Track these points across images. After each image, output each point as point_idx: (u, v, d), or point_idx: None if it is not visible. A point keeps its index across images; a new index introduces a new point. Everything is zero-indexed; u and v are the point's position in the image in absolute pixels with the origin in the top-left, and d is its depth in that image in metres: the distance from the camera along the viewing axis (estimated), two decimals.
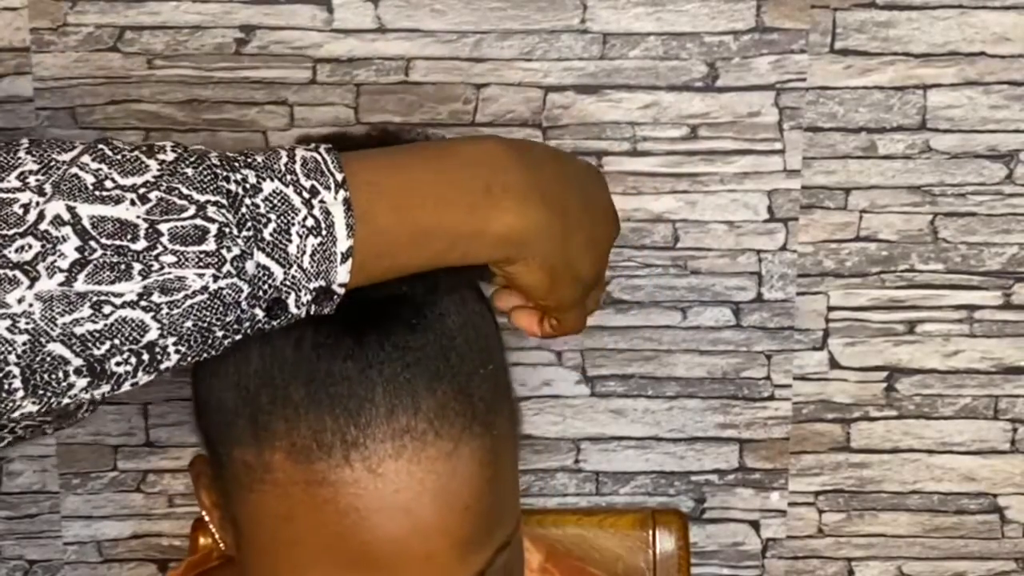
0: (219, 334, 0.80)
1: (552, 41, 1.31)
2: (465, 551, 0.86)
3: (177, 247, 0.78)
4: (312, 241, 0.82)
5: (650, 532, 1.36)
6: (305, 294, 0.83)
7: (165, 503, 1.40)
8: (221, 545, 0.95)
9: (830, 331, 1.38)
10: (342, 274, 0.83)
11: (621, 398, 1.39)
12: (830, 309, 1.37)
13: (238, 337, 0.81)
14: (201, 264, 0.78)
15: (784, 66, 1.32)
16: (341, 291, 0.83)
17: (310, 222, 0.82)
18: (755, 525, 1.42)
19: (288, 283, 0.82)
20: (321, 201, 0.83)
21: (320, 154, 0.83)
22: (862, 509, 1.42)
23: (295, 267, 0.82)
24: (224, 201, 0.80)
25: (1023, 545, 1.43)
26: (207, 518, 0.94)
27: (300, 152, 0.83)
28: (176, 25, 1.30)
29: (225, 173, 0.80)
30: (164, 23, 1.30)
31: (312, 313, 0.84)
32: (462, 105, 1.32)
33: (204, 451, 0.93)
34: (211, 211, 0.79)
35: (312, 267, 0.82)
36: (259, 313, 0.81)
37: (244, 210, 0.80)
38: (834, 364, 1.39)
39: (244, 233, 0.80)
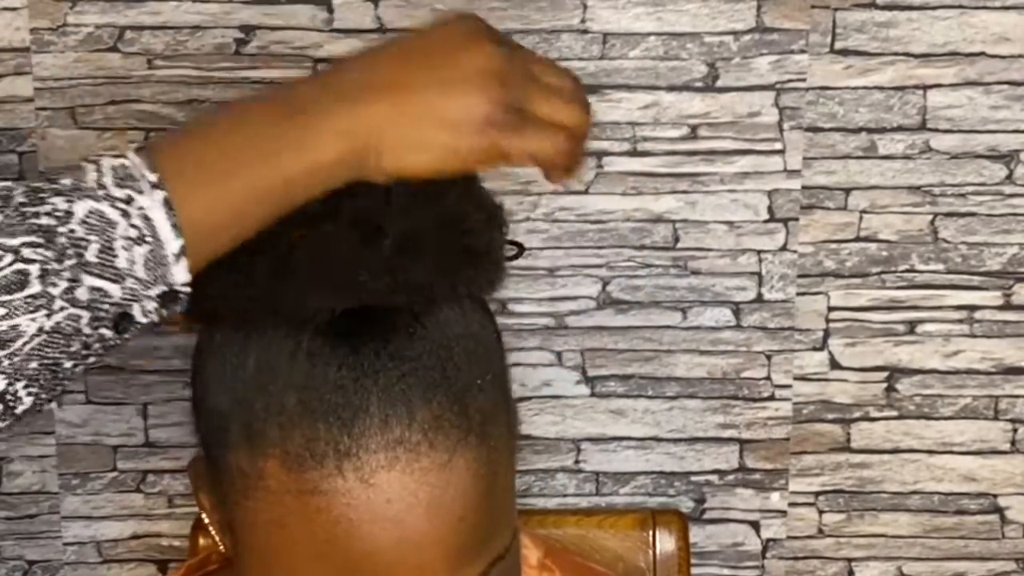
0: (68, 365, 0.80)
1: (552, 41, 1.31)
2: (458, 563, 0.86)
3: (3, 298, 0.78)
4: (139, 250, 0.81)
5: (650, 532, 1.35)
6: (148, 302, 0.82)
7: (165, 503, 1.40)
8: (221, 547, 0.95)
9: (830, 331, 1.38)
10: (180, 274, 0.83)
11: (621, 398, 1.39)
12: (830, 309, 1.37)
13: (92, 360, 0.81)
14: (30, 309, 0.78)
15: (784, 66, 1.32)
16: (186, 289, 0.82)
17: (132, 232, 0.81)
18: (755, 525, 1.42)
19: (127, 297, 0.81)
20: (139, 208, 0.81)
21: (127, 158, 0.82)
22: (862, 509, 1.42)
23: (129, 279, 0.81)
24: (38, 239, 0.79)
25: (1023, 545, 1.43)
26: (206, 520, 0.94)
27: (107, 162, 0.81)
28: (176, 25, 1.30)
29: (33, 209, 0.79)
30: (164, 23, 1.30)
31: (165, 316, 0.83)
32: None
33: (203, 453, 0.92)
34: (27, 253, 0.78)
35: (147, 275, 0.82)
36: (107, 332, 0.81)
37: (62, 240, 0.79)
38: (834, 364, 1.39)
39: (67, 263, 0.79)
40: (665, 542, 1.35)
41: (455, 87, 0.86)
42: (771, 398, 1.39)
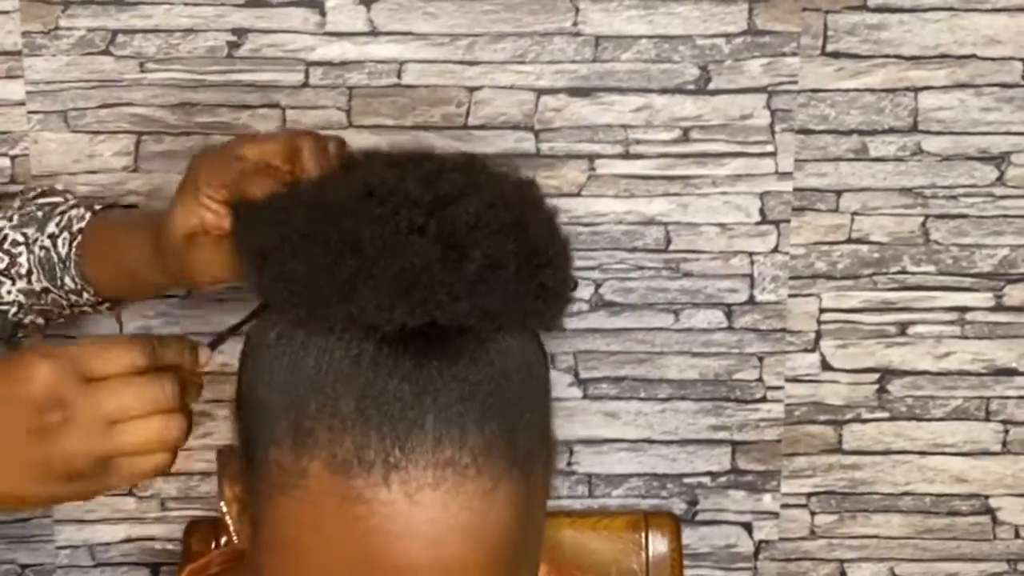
0: None
1: (545, 44, 1.31)
2: None
3: None
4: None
5: (643, 534, 1.36)
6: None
7: (158, 507, 1.39)
8: (235, 539, 0.94)
9: (822, 333, 1.38)
10: None
11: (614, 400, 1.39)
12: (822, 311, 1.38)
13: None
14: None
15: (776, 69, 1.32)
16: None
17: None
18: (748, 527, 1.42)
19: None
20: None
21: None
22: (854, 511, 1.42)
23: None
24: None
25: (1015, 546, 1.43)
26: (225, 510, 0.94)
27: None
28: (168, 28, 1.30)
29: None
30: (156, 26, 1.30)
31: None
32: (455, 108, 1.32)
33: (237, 444, 0.92)
34: None
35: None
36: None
37: None
38: (826, 366, 1.39)
39: None
40: (658, 544, 1.35)
41: (16, 449, 0.88)
42: (763, 400, 1.39)
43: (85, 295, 1.17)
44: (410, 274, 0.86)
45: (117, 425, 0.89)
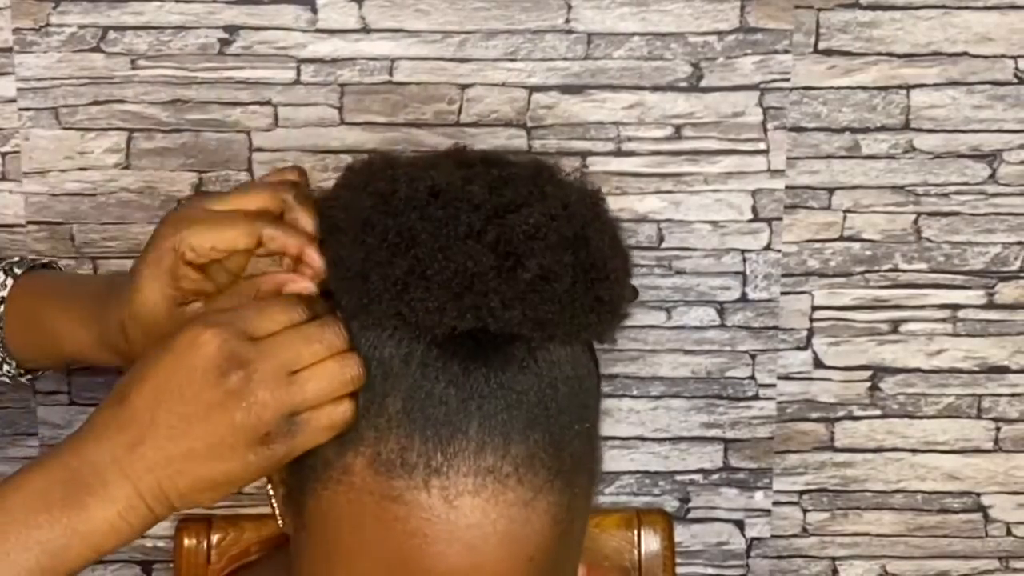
0: None
1: (536, 41, 1.31)
2: None
3: None
4: None
5: (635, 532, 1.36)
6: None
7: None
8: (279, 523, 0.94)
9: (814, 331, 1.38)
10: None
11: (606, 398, 1.39)
12: (814, 309, 1.38)
13: None
14: None
15: (768, 66, 1.32)
16: None
17: None
18: (740, 524, 1.42)
19: None
20: None
21: None
22: (846, 508, 1.42)
23: None
24: None
25: (1006, 544, 1.44)
26: (271, 492, 0.94)
27: None
28: (159, 25, 1.29)
29: None
30: (147, 23, 1.29)
31: None
32: (447, 105, 1.31)
33: None
34: None
35: None
36: None
37: None
38: (818, 363, 1.39)
39: None
40: (650, 541, 1.35)
41: (211, 434, 0.86)
42: (755, 397, 1.39)
43: (5, 367, 1.13)
44: (463, 278, 0.86)
45: (297, 374, 0.86)
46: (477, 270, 0.86)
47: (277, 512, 0.94)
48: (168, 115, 1.31)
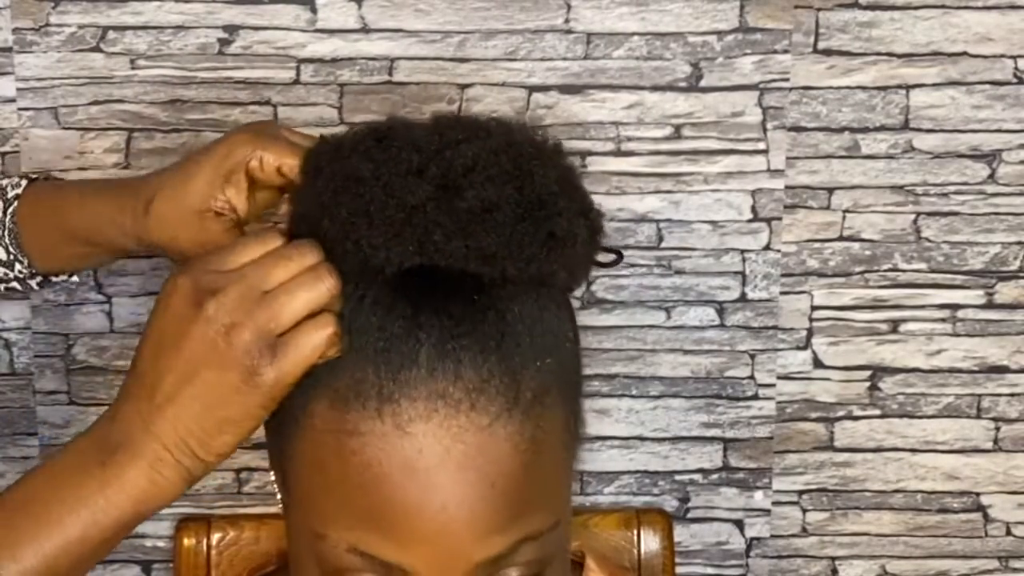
0: None
1: (536, 41, 1.31)
2: (484, 530, 0.86)
3: None
4: None
5: (635, 532, 1.36)
6: None
7: None
8: (280, 508, 0.96)
9: (814, 330, 1.38)
10: None
11: (605, 398, 1.39)
12: (814, 308, 1.38)
13: None
14: None
15: (767, 66, 1.32)
16: None
17: None
18: (739, 524, 1.42)
19: None
20: None
21: None
22: (846, 508, 1.42)
23: None
24: None
25: (1006, 544, 1.44)
26: (273, 477, 0.96)
27: None
28: (159, 25, 1.29)
29: None
30: (147, 23, 1.29)
31: None
32: (446, 105, 1.32)
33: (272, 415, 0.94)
34: None
35: None
36: None
37: None
38: (818, 363, 1.39)
39: None
40: (650, 541, 1.35)
41: (197, 374, 0.88)
42: (755, 397, 1.39)
43: (17, 267, 1.15)
44: (404, 212, 0.88)
45: (270, 292, 0.88)
46: (416, 202, 0.88)
47: (280, 499, 0.96)
48: (168, 115, 1.31)
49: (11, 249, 1.14)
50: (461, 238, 0.87)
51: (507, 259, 0.88)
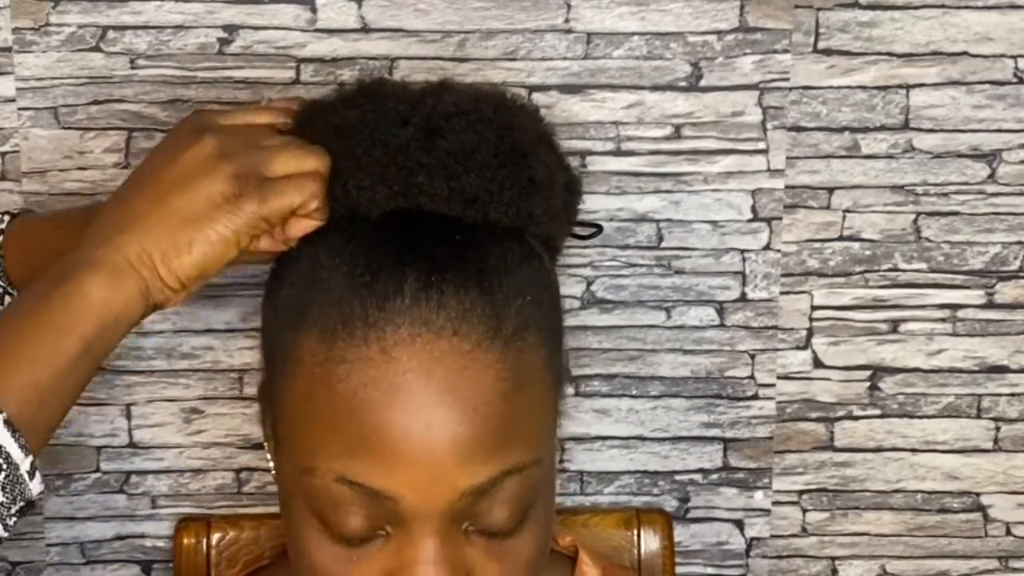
0: None
1: (536, 41, 1.31)
2: (467, 455, 0.88)
3: None
4: None
5: (635, 532, 1.36)
6: (10, 517, 0.89)
7: (148, 504, 1.39)
8: (273, 473, 0.98)
9: (814, 330, 1.38)
10: (35, 488, 0.90)
11: (605, 398, 1.39)
12: (814, 308, 1.38)
13: None
14: None
15: (767, 66, 1.32)
16: (40, 495, 0.90)
17: None
18: (739, 524, 1.42)
19: None
20: None
21: None
22: (846, 508, 1.42)
23: None
24: None
25: (1006, 544, 1.44)
26: (266, 447, 0.99)
27: None
28: (159, 25, 1.29)
29: None
30: (147, 23, 1.29)
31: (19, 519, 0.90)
32: None
33: (265, 371, 0.98)
34: None
35: (6, 497, 0.88)
36: None
37: None
38: (818, 363, 1.39)
39: None
40: (650, 541, 1.35)
41: (185, 184, 0.93)
42: (755, 397, 1.39)
43: (7, 300, 1.15)
44: (389, 154, 0.92)
45: (269, 146, 0.95)
46: (400, 144, 0.92)
47: (271, 465, 0.98)
48: (167, 115, 1.31)
49: (1, 283, 1.14)
50: (444, 179, 0.92)
51: (489, 203, 0.93)
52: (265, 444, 1.00)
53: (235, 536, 1.33)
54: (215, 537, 1.34)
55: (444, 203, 0.92)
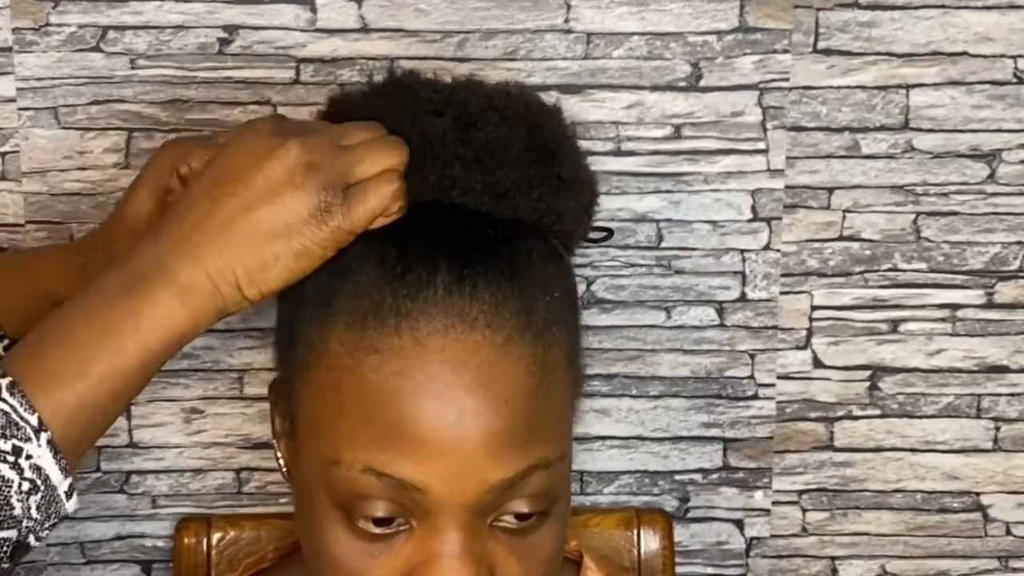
0: None
1: (536, 41, 1.31)
2: (498, 448, 0.87)
3: None
4: (34, 499, 0.85)
5: (635, 531, 1.36)
6: (43, 532, 0.87)
7: (148, 504, 1.39)
8: (283, 474, 0.97)
9: (813, 330, 1.38)
10: (71, 506, 0.88)
11: (605, 398, 1.39)
12: (813, 308, 1.38)
13: None
14: None
15: (767, 66, 1.32)
16: (74, 511, 0.88)
17: (26, 486, 0.85)
18: (739, 524, 1.42)
19: (23, 535, 0.85)
20: (28, 456, 0.85)
21: (5, 401, 0.85)
22: (845, 508, 1.42)
23: (26, 521, 0.85)
24: None
25: (1006, 543, 1.44)
26: (276, 445, 0.97)
27: None
28: (159, 25, 1.29)
29: None
30: (147, 23, 1.29)
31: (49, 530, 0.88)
32: None
33: (279, 367, 0.97)
34: None
35: (41, 515, 0.86)
36: (4, 564, 0.85)
37: None
38: (817, 363, 1.39)
39: None
40: (650, 541, 1.35)
41: (272, 196, 0.89)
42: (755, 397, 1.39)
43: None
44: (424, 144, 0.92)
45: (351, 147, 0.92)
46: (435, 134, 0.92)
47: (283, 464, 0.97)
48: (167, 115, 1.31)
49: None
50: (478, 171, 0.91)
51: (519, 198, 0.92)
52: (274, 443, 0.99)
53: (235, 536, 1.33)
54: (215, 537, 1.34)
55: (476, 196, 0.91)
